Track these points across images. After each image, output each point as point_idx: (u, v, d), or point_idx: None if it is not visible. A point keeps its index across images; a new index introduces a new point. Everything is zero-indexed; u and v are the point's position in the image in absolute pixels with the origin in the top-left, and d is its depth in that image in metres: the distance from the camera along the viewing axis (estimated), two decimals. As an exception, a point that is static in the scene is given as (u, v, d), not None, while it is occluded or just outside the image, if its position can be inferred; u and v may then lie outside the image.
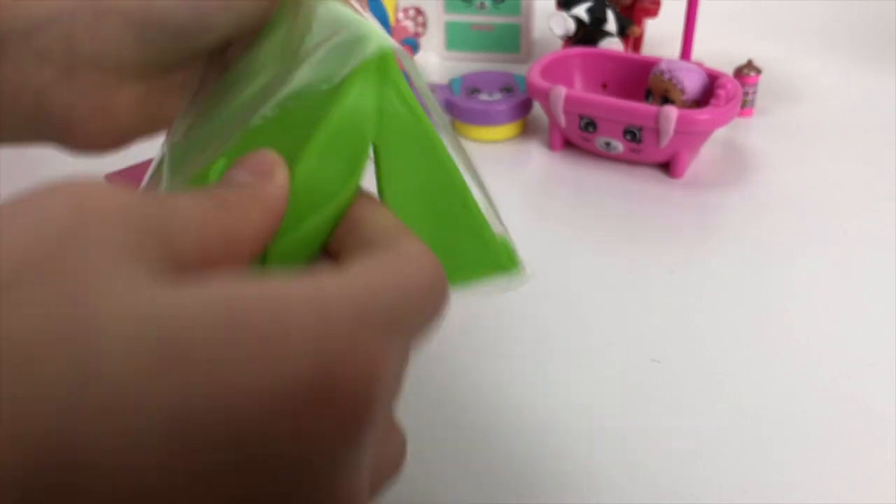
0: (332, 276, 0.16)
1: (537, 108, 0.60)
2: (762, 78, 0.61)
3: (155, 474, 0.13)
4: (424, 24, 0.76)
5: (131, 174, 0.41)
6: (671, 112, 0.49)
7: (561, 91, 0.52)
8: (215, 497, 0.14)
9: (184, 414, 0.13)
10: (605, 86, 0.60)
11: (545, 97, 0.53)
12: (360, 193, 0.22)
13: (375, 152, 0.22)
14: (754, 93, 0.60)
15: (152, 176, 0.27)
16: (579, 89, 0.59)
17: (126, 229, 0.15)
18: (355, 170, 0.21)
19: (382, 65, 0.21)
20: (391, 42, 0.21)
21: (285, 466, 0.14)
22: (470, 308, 0.42)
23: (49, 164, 0.59)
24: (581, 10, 0.61)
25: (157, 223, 0.16)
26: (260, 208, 0.19)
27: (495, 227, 0.24)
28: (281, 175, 0.20)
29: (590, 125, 0.53)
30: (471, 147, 0.59)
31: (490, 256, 0.24)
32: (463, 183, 0.23)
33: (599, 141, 0.54)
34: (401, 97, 0.21)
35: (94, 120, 0.25)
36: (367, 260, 0.18)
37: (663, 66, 0.54)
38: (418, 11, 0.75)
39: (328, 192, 0.21)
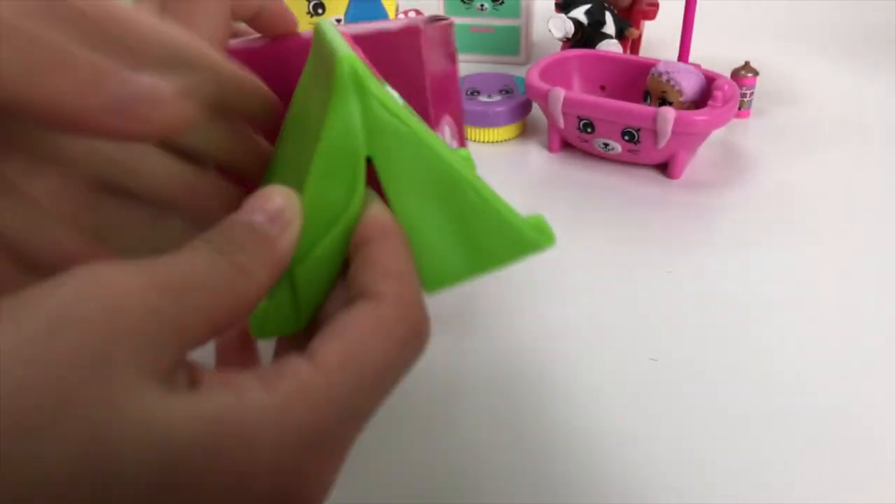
0: (297, 397, 0.19)
1: (536, 110, 0.61)
2: (759, 80, 0.61)
3: None
4: (424, 27, 0.76)
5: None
6: (669, 113, 0.49)
7: (560, 93, 0.53)
8: None
9: None
10: (603, 87, 0.60)
11: (544, 99, 0.54)
12: (377, 227, 0.23)
13: (374, 164, 0.23)
14: (751, 94, 0.61)
15: None
16: (578, 91, 0.59)
17: (145, 343, 0.17)
18: (355, 186, 0.23)
19: (356, 80, 0.22)
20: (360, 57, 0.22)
21: None
22: (469, 309, 0.42)
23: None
24: (580, 13, 0.62)
25: (172, 316, 0.18)
26: (271, 268, 0.21)
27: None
28: (295, 227, 0.22)
29: (588, 126, 0.53)
30: (470, 148, 0.59)
31: (517, 235, 0.25)
32: (465, 171, 0.23)
33: (598, 142, 0.54)
34: (383, 106, 0.22)
35: None
36: (336, 342, 0.20)
37: (661, 67, 0.55)
38: (418, 13, 0.75)
39: (336, 213, 0.23)
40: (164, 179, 0.25)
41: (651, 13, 0.66)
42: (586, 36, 0.62)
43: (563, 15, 0.62)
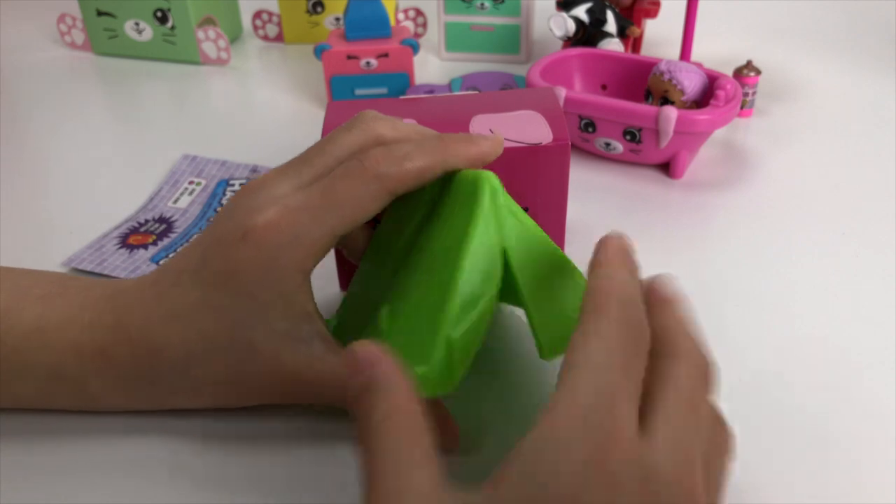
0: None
1: (537, 109, 0.60)
2: (762, 79, 0.61)
3: None
4: (424, 25, 0.76)
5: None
6: (671, 113, 0.49)
7: (560, 92, 0.52)
8: None
9: None
10: (604, 86, 0.60)
11: (545, 98, 0.53)
12: None
13: (507, 253, 0.31)
14: (754, 93, 0.61)
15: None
16: (579, 90, 0.59)
17: None
18: (496, 271, 0.30)
19: (493, 198, 0.31)
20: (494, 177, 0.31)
21: None
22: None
23: (53, 158, 0.59)
24: (581, 11, 0.61)
25: None
26: None
27: None
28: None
29: (589, 126, 0.53)
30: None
31: None
32: (563, 255, 0.33)
33: (599, 141, 0.54)
34: (511, 213, 0.31)
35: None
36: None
37: (663, 66, 0.54)
38: (418, 12, 0.75)
39: (482, 291, 0.30)
40: None
41: (653, 11, 0.65)
42: (587, 34, 0.62)
43: (564, 13, 0.61)
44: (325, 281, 0.40)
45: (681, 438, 0.24)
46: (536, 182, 0.40)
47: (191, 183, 0.54)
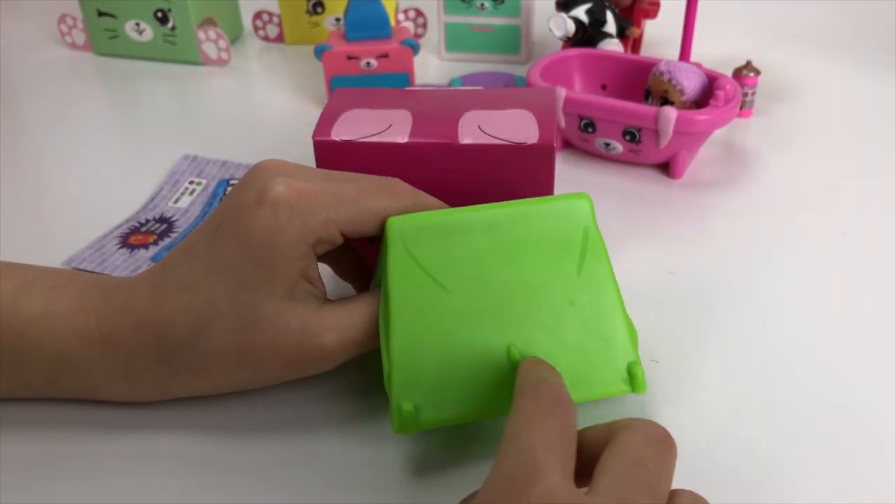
0: None
1: (537, 109, 0.60)
2: (761, 79, 0.61)
3: None
4: (424, 26, 0.76)
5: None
6: (670, 113, 0.49)
7: (560, 92, 0.52)
8: None
9: None
10: (604, 87, 0.60)
11: (545, 98, 0.53)
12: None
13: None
14: (753, 94, 0.61)
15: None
16: (579, 90, 0.59)
17: None
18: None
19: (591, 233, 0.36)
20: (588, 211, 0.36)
21: None
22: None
23: (53, 158, 0.59)
24: (580, 12, 0.61)
25: None
26: None
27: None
28: None
29: (589, 126, 0.53)
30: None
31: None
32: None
33: (599, 142, 0.54)
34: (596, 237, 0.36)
35: None
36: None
37: (662, 66, 0.54)
38: (418, 13, 0.75)
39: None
40: None
41: (652, 12, 0.66)
42: (587, 35, 0.62)
43: (563, 14, 0.61)
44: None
45: (620, 487, 0.24)
46: (520, 182, 0.39)
47: (191, 183, 0.54)
